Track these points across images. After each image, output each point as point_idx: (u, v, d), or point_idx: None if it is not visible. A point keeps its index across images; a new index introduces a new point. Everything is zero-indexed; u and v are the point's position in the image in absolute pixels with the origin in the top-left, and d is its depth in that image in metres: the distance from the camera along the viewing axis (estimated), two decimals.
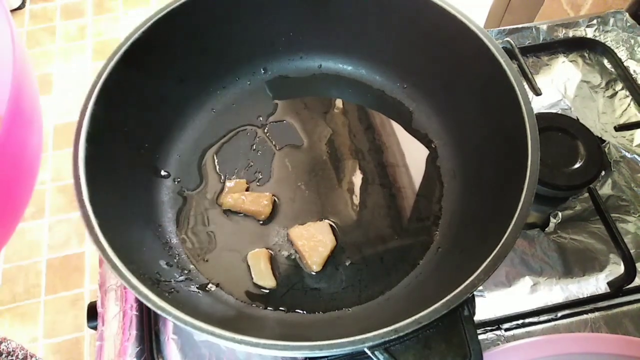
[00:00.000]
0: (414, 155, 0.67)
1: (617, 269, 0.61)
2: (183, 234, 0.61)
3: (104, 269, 0.63)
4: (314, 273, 0.58)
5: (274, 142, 0.69)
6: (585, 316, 0.58)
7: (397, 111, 0.70)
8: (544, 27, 0.83)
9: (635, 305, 0.59)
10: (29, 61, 0.42)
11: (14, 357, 0.74)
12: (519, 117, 0.50)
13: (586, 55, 0.81)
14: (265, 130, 0.70)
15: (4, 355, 0.71)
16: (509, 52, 0.69)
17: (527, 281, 0.60)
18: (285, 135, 0.69)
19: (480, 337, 0.55)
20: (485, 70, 0.56)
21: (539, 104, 0.75)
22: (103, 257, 0.44)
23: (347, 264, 0.59)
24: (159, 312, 0.42)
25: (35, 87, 0.43)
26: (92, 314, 0.61)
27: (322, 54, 0.73)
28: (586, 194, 0.65)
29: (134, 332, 0.58)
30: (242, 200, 0.61)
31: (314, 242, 0.59)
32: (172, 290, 0.52)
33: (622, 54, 0.80)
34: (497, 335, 0.57)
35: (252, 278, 0.58)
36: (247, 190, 0.64)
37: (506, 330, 0.58)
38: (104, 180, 0.52)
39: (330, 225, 0.61)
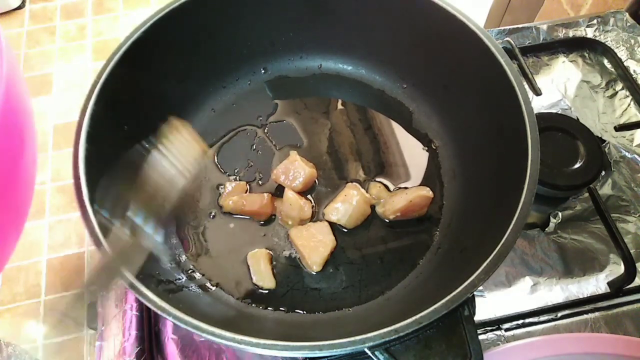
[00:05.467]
0: (414, 155, 0.67)
1: (617, 269, 0.61)
2: (183, 234, 0.61)
3: None
4: (314, 273, 0.58)
5: (274, 142, 0.69)
6: (585, 316, 0.58)
7: (397, 111, 0.70)
8: (544, 27, 0.83)
9: (635, 305, 0.59)
10: (18, 66, 0.41)
11: None
12: (519, 117, 0.50)
13: (586, 55, 0.81)
14: (265, 130, 0.69)
15: (12, 359, 0.71)
16: (509, 52, 0.70)
17: (527, 281, 0.60)
18: (285, 135, 0.69)
19: (481, 337, 0.55)
20: (485, 70, 0.56)
21: (539, 104, 0.75)
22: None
23: (347, 264, 0.59)
24: (159, 312, 0.42)
25: (27, 97, 0.42)
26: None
27: (322, 54, 0.73)
28: (586, 194, 0.65)
29: (134, 332, 0.57)
30: (242, 203, 0.61)
31: (314, 242, 0.59)
32: (172, 290, 0.52)
33: (622, 54, 0.80)
34: (497, 335, 0.57)
35: (252, 278, 0.58)
36: (246, 192, 0.64)
37: (506, 330, 0.58)
38: (104, 180, 0.51)
39: (330, 225, 0.61)
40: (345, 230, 0.61)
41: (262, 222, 0.62)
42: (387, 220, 0.61)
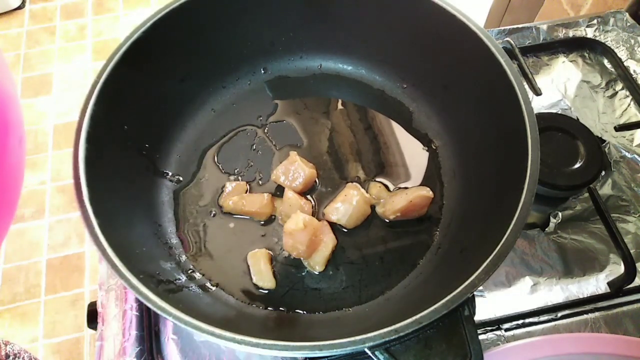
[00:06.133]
0: (414, 155, 0.67)
1: (617, 269, 0.61)
2: (183, 234, 0.61)
3: (104, 269, 0.63)
4: (316, 273, 0.58)
5: (274, 142, 0.69)
6: (585, 316, 0.58)
7: (397, 111, 0.70)
8: (544, 27, 0.83)
9: (635, 305, 0.59)
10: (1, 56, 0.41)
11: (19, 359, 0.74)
12: (519, 117, 0.50)
13: (586, 55, 0.81)
14: (265, 130, 0.69)
15: (11, 358, 0.71)
16: (509, 52, 0.70)
17: (527, 281, 0.60)
18: (285, 135, 0.69)
19: (481, 337, 0.55)
20: (485, 70, 0.56)
21: (539, 104, 0.75)
22: (103, 257, 0.44)
23: (347, 264, 0.59)
24: (159, 312, 0.42)
25: (10, 78, 0.41)
26: (92, 314, 0.61)
27: (322, 54, 0.73)
28: (586, 194, 0.65)
29: (134, 332, 0.57)
30: (242, 204, 0.61)
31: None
32: (172, 290, 0.52)
33: (622, 54, 0.80)
34: (497, 335, 0.57)
35: (252, 278, 0.58)
36: (247, 192, 0.64)
37: (506, 330, 0.58)
38: (104, 180, 0.52)
39: (330, 225, 0.61)
40: (345, 230, 0.61)
41: (262, 222, 0.62)
42: (387, 220, 0.61)
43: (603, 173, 0.68)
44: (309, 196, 0.64)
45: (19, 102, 0.41)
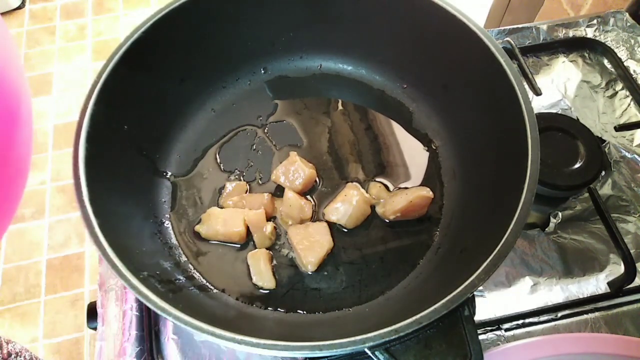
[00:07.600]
0: (414, 155, 0.67)
1: (617, 269, 0.61)
2: (183, 234, 0.61)
3: (104, 269, 0.63)
4: (310, 273, 0.58)
5: (274, 142, 0.69)
6: (585, 316, 0.58)
7: (397, 111, 0.70)
8: (544, 27, 0.83)
9: (635, 305, 0.59)
10: (15, 50, 0.41)
11: (21, 358, 0.74)
12: (519, 117, 0.50)
13: (586, 55, 0.81)
14: (265, 130, 0.69)
15: (12, 356, 0.71)
16: (509, 52, 0.69)
17: (527, 281, 0.60)
18: (285, 135, 0.69)
19: (481, 337, 0.55)
20: (485, 70, 0.56)
21: (539, 104, 0.75)
22: (103, 257, 0.44)
23: (347, 264, 0.59)
24: (159, 312, 0.42)
25: (22, 73, 0.42)
26: (92, 314, 0.61)
27: (322, 54, 0.73)
28: (586, 194, 0.65)
29: (134, 332, 0.57)
30: (242, 204, 0.61)
31: (310, 241, 0.58)
32: (172, 290, 0.52)
33: (622, 54, 0.80)
34: (497, 335, 0.57)
35: (252, 278, 0.58)
36: (247, 192, 0.64)
37: (506, 330, 0.58)
38: (104, 180, 0.52)
39: (330, 225, 0.61)
40: (346, 230, 0.61)
41: None
42: (387, 221, 0.61)
43: (603, 173, 0.68)
44: (309, 196, 0.64)
45: (30, 97, 0.41)
